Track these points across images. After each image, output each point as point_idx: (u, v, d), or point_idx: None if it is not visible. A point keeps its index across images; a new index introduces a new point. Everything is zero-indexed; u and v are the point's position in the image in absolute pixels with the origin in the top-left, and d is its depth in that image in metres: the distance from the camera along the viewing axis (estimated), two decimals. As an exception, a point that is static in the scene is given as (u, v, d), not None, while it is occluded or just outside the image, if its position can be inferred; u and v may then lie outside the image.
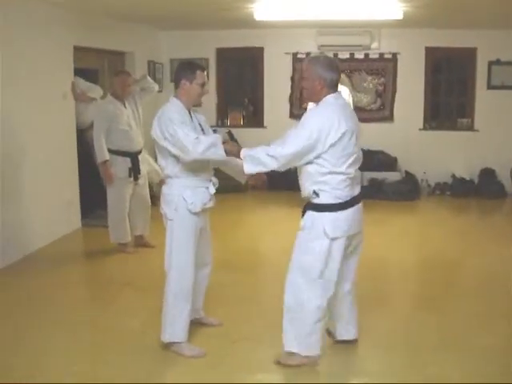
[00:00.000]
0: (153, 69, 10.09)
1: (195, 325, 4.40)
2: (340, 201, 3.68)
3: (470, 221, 8.91)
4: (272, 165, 3.65)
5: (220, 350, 4.17)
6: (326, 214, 3.70)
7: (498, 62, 10.07)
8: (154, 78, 9.99)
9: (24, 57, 6.37)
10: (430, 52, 10.22)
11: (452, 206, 9.71)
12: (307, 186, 3.74)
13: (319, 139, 3.54)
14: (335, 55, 9.98)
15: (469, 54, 10.19)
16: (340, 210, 3.70)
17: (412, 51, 10.22)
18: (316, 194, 3.69)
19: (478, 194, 10.02)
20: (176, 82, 4.09)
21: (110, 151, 6.38)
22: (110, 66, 8.97)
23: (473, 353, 4.14)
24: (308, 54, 10.18)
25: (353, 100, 9.70)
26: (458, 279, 6.05)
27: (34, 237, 6.68)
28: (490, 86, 10.19)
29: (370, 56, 10.34)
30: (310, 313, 3.79)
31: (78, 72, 7.45)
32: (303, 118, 3.70)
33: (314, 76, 3.69)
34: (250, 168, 3.72)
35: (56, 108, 6.87)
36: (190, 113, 4.11)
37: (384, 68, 10.38)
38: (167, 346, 4.12)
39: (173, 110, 3.98)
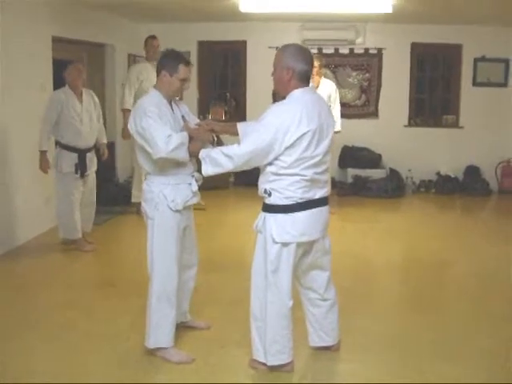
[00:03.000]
0: (133, 61, 9.79)
1: (182, 329, 4.19)
2: (291, 202, 3.42)
3: (456, 219, 8.81)
4: (227, 165, 3.43)
5: (208, 354, 3.96)
6: (275, 215, 3.46)
7: (483, 59, 10.04)
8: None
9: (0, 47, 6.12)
10: (416, 48, 10.15)
11: (437, 203, 9.63)
12: (260, 184, 3.52)
13: (276, 139, 3.29)
14: (320, 50, 9.91)
15: (454, 51, 10.15)
16: (290, 212, 3.43)
17: (397, 47, 10.12)
18: (267, 193, 3.45)
19: (462, 192, 9.98)
20: (157, 71, 3.86)
21: (59, 144, 6.23)
22: (90, 58, 8.77)
23: (468, 356, 4.00)
24: (292, 48, 10.03)
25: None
26: (447, 279, 5.91)
27: (16, 232, 6.52)
28: (475, 83, 10.16)
29: (355, 51, 10.21)
30: (272, 320, 3.55)
31: (57, 63, 7.19)
32: (264, 114, 3.43)
33: (282, 65, 3.41)
34: (207, 169, 3.52)
35: (34, 100, 6.61)
36: (171, 104, 3.89)
37: (369, 63, 10.26)
38: (153, 352, 3.90)
39: (150, 101, 3.75)
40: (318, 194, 3.50)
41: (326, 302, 3.82)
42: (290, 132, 3.28)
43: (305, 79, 3.46)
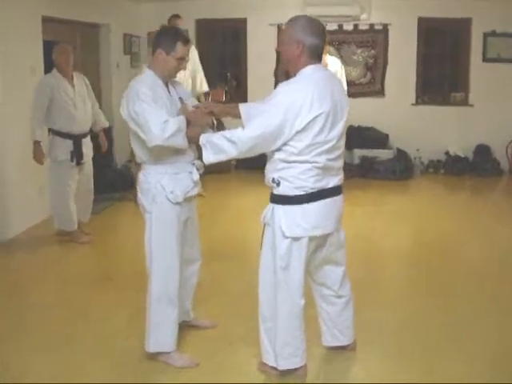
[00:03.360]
0: (129, 42, 9.55)
1: (185, 328, 3.92)
2: (302, 193, 3.13)
3: (467, 201, 8.51)
4: (231, 152, 3.15)
5: (215, 353, 3.70)
6: (285, 207, 3.17)
7: (493, 34, 9.72)
8: (130, 52, 9.55)
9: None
10: (423, 23, 9.82)
11: (447, 184, 9.35)
12: (267, 173, 3.23)
13: (286, 122, 3.01)
14: (323, 26, 9.52)
15: (463, 25, 9.84)
16: (301, 203, 3.14)
17: (404, 22, 9.80)
18: (276, 182, 3.16)
19: (472, 172, 9.70)
20: (153, 49, 3.55)
21: (52, 131, 5.91)
22: (83, 39, 8.41)
23: (484, 353, 3.74)
24: (294, 25, 9.74)
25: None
26: (462, 264, 5.57)
27: (8, 224, 6.26)
28: (485, 59, 9.85)
29: (360, 27, 9.91)
30: (283, 321, 3.28)
31: (48, 45, 6.87)
32: (272, 94, 3.14)
33: (292, 39, 3.11)
34: (208, 156, 3.23)
35: (24, 84, 6.31)
36: (167, 86, 3.58)
37: (374, 40, 9.95)
38: (153, 357, 3.61)
39: (144, 83, 3.44)
40: (332, 182, 3.21)
41: (341, 299, 3.54)
42: (301, 114, 2.99)
43: (316, 55, 3.15)
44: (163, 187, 3.47)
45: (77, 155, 5.95)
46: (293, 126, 3.00)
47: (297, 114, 2.99)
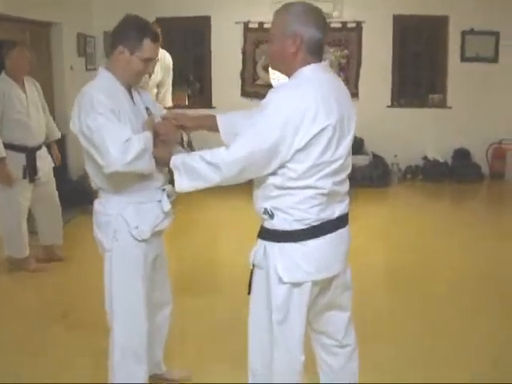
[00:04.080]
0: (83, 43, 8.94)
1: (157, 381, 3.34)
2: (303, 226, 2.52)
3: (447, 211, 8.14)
4: (212, 178, 2.53)
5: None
6: (282, 245, 2.56)
7: (471, 32, 9.40)
8: (85, 54, 8.99)
9: None
10: (398, 21, 9.42)
11: (425, 193, 9.01)
12: (257, 201, 2.63)
13: (284, 138, 2.39)
14: (293, 25, 9.07)
15: (440, 23, 9.51)
16: (302, 239, 2.54)
17: (378, 20, 9.38)
18: (269, 214, 2.56)
19: (452, 178, 9.35)
20: (112, 45, 2.91)
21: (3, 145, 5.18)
22: (33, 38, 7.74)
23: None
24: (261, 23, 9.35)
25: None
26: (442, 286, 5.21)
27: None
28: (463, 58, 9.55)
29: (332, 25, 9.32)
30: (279, 378, 2.68)
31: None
32: (264, 102, 2.51)
33: (285, 32, 2.50)
34: (181, 183, 2.62)
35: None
36: (130, 92, 2.97)
37: (347, 39, 9.51)
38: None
39: (100, 89, 2.82)
40: (337, 210, 2.61)
41: (345, 349, 2.92)
42: (302, 128, 2.40)
43: (317, 51, 2.56)
44: (126, 221, 2.89)
45: (30, 171, 5.31)
46: (292, 143, 2.41)
47: (297, 128, 2.39)
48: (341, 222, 2.65)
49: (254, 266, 2.69)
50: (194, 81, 10.08)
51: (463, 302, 4.73)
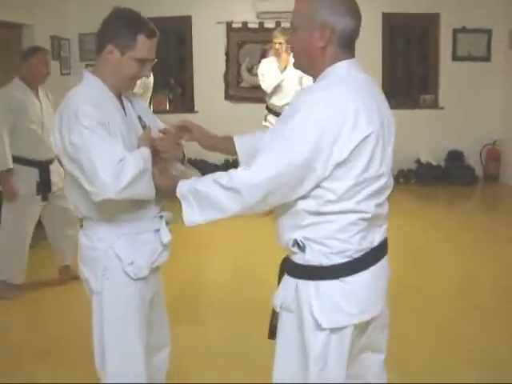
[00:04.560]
0: (57, 46, 8.59)
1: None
2: (343, 260, 2.10)
3: (441, 215, 7.82)
4: (231, 207, 2.10)
5: None
6: (318, 284, 2.12)
7: (463, 30, 9.18)
8: (59, 57, 8.62)
9: None
10: (388, 18, 9.17)
11: (419, 197, 8.69)
12: (284, 231, 2.20)
13: (320, 150, 1.97)
14: (278, 24, 8.75)
15: (431, 21, 9.30)
16: (342, 276, 2.11)
17: (367, 18, 8.32)
18: (299, 246, 2.14)
19: (446, 181, 9.12)
20: (99, 45, 2.46)
21: (12, 158, 4.76)
22: (3, 41, 7.43)
23: None
24: (245, 23, 9.04)
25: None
26: (456, 286, 5.05)
27: None
28: (455, 57, 9.31)
29: (319, 24, 9.08)
30: None
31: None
32: (290, 109, 2.09)
33: (313, 22, 2.09)
34: (192, 215, 2.19)
35: None
36: (121, 100, 2.55)
37: (335, 38, 9.15)
38: None
39: (85, 96, 2.39)
40: (378, 237, 2.20)
41: None
42: (341, 137, 1.99)
43: (350, 45, 2.17)
44: (118, 256, 2.46)
45: (44, 187, 4.91)
46: (330, 156, 1.99)
47: (336, 138, 1.97)
48: (381, 250, 2.25)
49: (280, 308, 2.23)
50: (175, 84, 9.78)
51: (459, 304, 4.68)
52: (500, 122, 9.24)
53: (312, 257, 2.11)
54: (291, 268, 2.20)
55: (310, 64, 2.19)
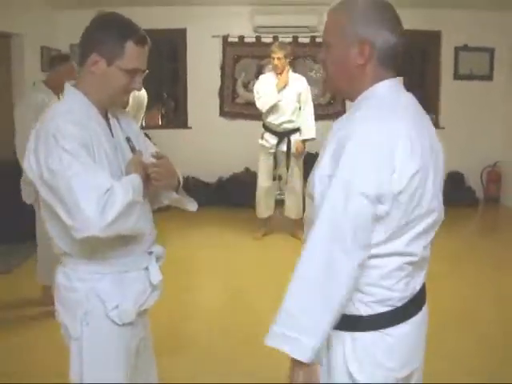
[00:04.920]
0: (47, 57, 8.28)
1: None
2: (386, 309, 1.86)
3: (445, 237, 7.54)
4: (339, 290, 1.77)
5: None
6: (356, 335, 1.86)
7: (465, 48, 9.00)
8: (49, 68, 8.39)
9: None
10: (388, 35, 8.90)
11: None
12: None
13: (385, 185, 1.75)
14: (275, 39, 8.54)
15: (432, 39, 9.09)
16: (382, 327, 1.86)
17: (366, 34, 8.83)
18: None
19: (446, 202, 8.72)
20: (82, 55, 2.19)
21: None
22: (-9, 51, 7.17)
23: None
24: (241, 37, 8.81)
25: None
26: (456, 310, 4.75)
27: None
28: (456, 76, 9.15)
29: (317, 40, 8.88)
30: None
31: None
32: (334, 149, 1.78)
33: (348, 38, 1.87)
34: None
35: None
36: (107, 118, 2.27)
37: (334, 54, 8.95)
38: None
39: (66, 114, 2.11)
40: (419, 282, 1.96)
41: None
42: (396, 170, 1.75)
43: (392, 62, 1.93)
44: (101, 299, 2.18)
45: None
46: (390, 190, 1.76)
47: (392, 171, 1.75)
48: (422, 297, 2.00)
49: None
50: (168, 98, 9.58)
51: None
52: (501, 142, 9.08)
53: (350, 305, 1.84)
54: None
55: (347, 84, 1.96)
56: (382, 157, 1.74)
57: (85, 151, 2.04)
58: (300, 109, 6.86)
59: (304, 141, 6.98)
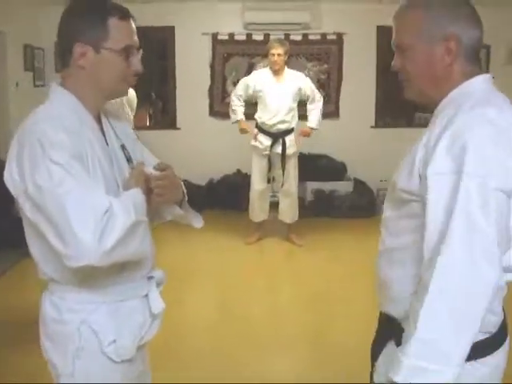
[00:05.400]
0: (30, 55, 8.11)
1: None
2: (485, 336, 1.66)
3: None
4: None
5: None
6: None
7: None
8: (33, 68, 8.16)
9: None
10: (383, 32, 8.65)
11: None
12: (404, 293, 1.74)
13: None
14: (267, 36, 8.36)
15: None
16: (482, 355, 1.66)
17: (361, 31, 8.71)
18: None
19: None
20: (63, 53, 1.93)
21: None
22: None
23: None
24: (231, 34, 8.61)
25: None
26: None
27: None
28: (452, 72, 8.89)
29: (310, 37, 8.74)
30: None
31: None
32: (447, 154, 1.59)
33: (433, 36, 1.73)
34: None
35: None
36: (100, 123, 2.00)
37: (327, 52, 8.82)
38: None
39: (54, 119, 1.82)
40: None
41: None
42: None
43: (477, 57, 1.81)
44: (96, 333, 1.91)
45: None
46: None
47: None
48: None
49: None
50: (156, 99, 9.39)
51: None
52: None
53: None
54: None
55: (434, 87, 1.80)
56: (509, 145, 1.57)
57: (78, 163, 1.75)
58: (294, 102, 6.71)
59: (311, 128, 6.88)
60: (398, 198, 1.81)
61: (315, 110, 6.79)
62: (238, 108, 6.79)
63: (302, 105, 6.90)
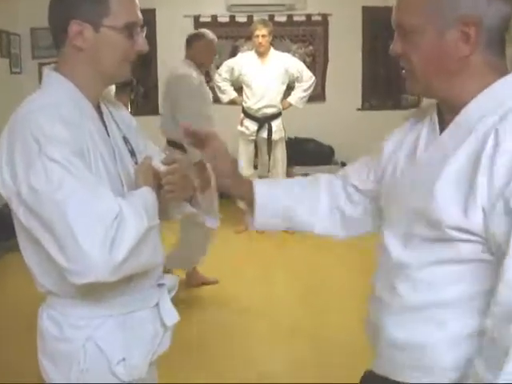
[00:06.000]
0: (6, 41, 7.93)
1: None
2: None
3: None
4: None
5: None
6: None
7: (447, 24, 8.70)
8: (9, 54, 7.99)
9: None
10: (368, 13, 8.65)
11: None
12: (442, 363, 1.48)
13: None
14: (250, 18, 8.23)
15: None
16: None
17: (346, 12, 8.61)
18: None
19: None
20: (58, 33, 1.70)
21: None
22: None
23: None
24: (214, 16, 8.46)
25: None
26: None
27: None
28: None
29: (295, 18, 8.65)
30: None
31: None
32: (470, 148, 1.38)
33: (445, 18, 1.38)
34: None
35: None
36: (100, 112, 1.80)
37: (312, 34, 8.74)
38: None
39: (51, 108, 1.60)
40: None
41: None
42: None
43: (503, 44, 1.43)
44: (102, 351, 1.71)
45: None
46: None
47: None
48: None
49: None
50: (136, 85, 9.13)
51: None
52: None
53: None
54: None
55: (442, 84, 1.46)
56: None
57: (79, 160, 1.55)
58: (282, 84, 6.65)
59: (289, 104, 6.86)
60: (439, 238, 1.43)
61: (300, 88, 6.73)
62: (227, 87, 6.70)
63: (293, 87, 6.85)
